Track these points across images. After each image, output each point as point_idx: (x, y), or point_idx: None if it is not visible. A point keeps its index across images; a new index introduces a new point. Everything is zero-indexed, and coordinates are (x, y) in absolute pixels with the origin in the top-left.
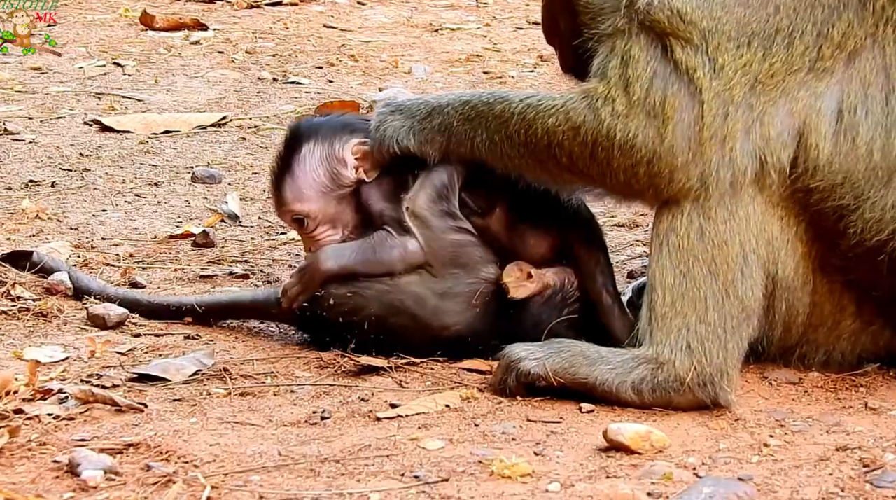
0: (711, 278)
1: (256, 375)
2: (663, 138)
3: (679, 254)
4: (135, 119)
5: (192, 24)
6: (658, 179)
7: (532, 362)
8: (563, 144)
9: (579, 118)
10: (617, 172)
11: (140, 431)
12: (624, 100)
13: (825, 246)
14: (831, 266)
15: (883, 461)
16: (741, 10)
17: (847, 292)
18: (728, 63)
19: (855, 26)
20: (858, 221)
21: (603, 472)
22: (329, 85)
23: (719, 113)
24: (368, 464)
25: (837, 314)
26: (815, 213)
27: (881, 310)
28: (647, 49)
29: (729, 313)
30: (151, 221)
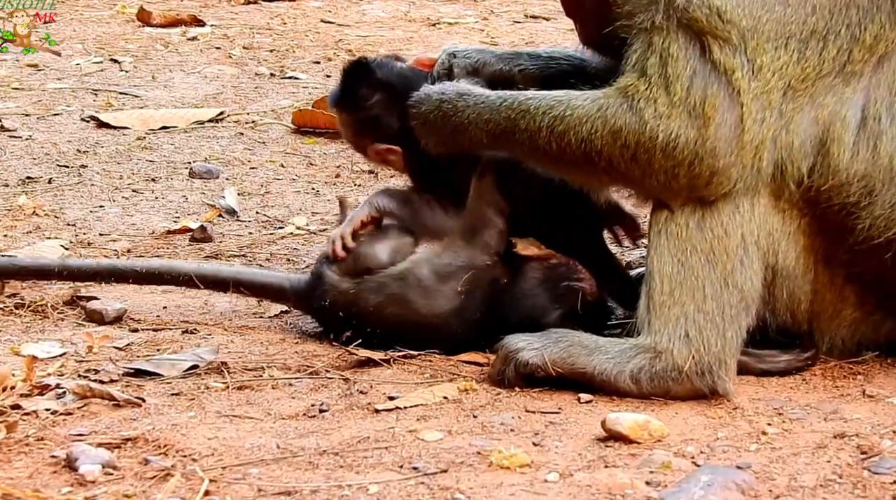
0: (710, 268)
1: (254, 368)
2: (705, 140)
3: (678, 243)
4: (132, 115)
5: (189, 20)
6: (697, 181)
7: (530, 352)
8: (601, 150)
9: (619, 122)
10: (658, 173)
11: (138, 425)
12: (665, 99)
13: (830, 240)
14: (836, 259)
15: (881, 447)
16: (781, 9)
17: (849, 284)
18: (766, 65)
19: (887, 29)
20: (867, 217)
21: (601, 462)
22: (326, 80)
23: (758, 117)
24: (367, 456)
25: (838, 304)
26: (821, 209)
27: (883, 301)
28: (685, 47)
29: (728, 302)
30: (149, 217)
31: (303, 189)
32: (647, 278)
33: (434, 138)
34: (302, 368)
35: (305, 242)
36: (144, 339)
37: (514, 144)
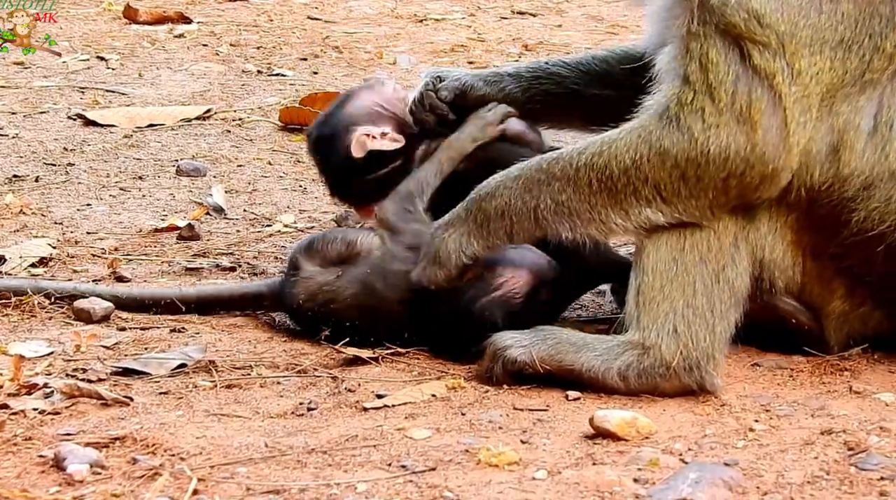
0: (703, 265)
1: (243, 367)
2: (754, 146)
3: (677, 240)
4: (119, 113)
5: (176, 17)
6: (747, 190)
7: (518, 349)
8: (648, 176)
9: (666, 142)
10: (708, 188)
11: (126, 424)
12: (712, 107)
13: (820, 234)
14: (825, 253)
15: (867, 444)
16: (815, 15)
17: (838, 277)
18: (804, 70)
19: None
20: (863, 210)
21: (589, 459)
22: (314, 77)
23: (800, 120)
24: (355, 454)
25: (827, 296)
26: (812, 205)
27: (872, 294)
28: (724, 53)
29: (718, 298)
30: (136, 215)
31: (290, 187)
32: (638, 273)
33: (464, 236)
34: (290, 366)
35: (293, 239)
36: (132, 338)
37: (548, 194)
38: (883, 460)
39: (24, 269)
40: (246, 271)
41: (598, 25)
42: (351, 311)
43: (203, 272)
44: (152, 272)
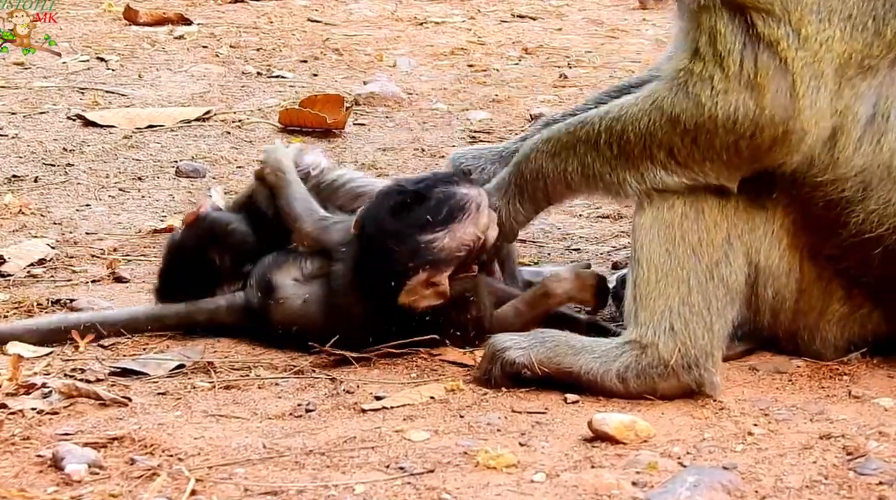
0: (696, 260)
1: (241, 368)
2: (763, 109)
3: (667, 232)
4: (118, 114)
5: (176, 18)
6: (759, 151)
7: (517, 351)
8: (661, 141)
9: (676, 108)
10: (720, 151)
11: (124, 425)
12: (720, 75)
13: (817, 236)
14: (822, 255)
15: (866, 448)
16: None
17: (837, 278)
18: (812, 35)
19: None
20: (861, 212)
21: (588, 462)
22: (313, 79)
23: (811, 84)
24: (353, 456)
25: (826, 299)
26: (806, 205)
27: (870, 295)
28: (730, 23)
29: (714, 295)
30: (135, 216)
31: None
32: (633, 266)
33: (529, 205)
34: (288, 367)
35: None
36: (130, 338)
37: (575, 156)
38: (882, 465)
39: (22, 269)
40: None
41: (598, 29)
42: (318, 327)
43: None
44: (151, 273)
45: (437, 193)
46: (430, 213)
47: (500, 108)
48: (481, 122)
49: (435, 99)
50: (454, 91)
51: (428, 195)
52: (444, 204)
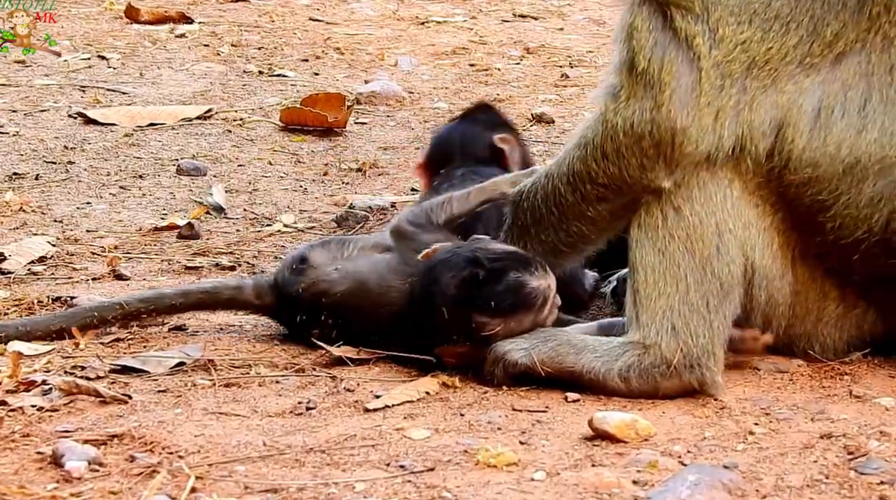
0: (689, 256)
1: (241, 366)
2: (660, 105)
3: (656, 232)
4: (119, 112)
5: (178, 17)
6: (664, 149)
7: (519, 352)
8: (590, 173)
9: (590, 134)
10: (629, 160)
11: (124, 422)
12: (628, 80)
13: (805, 236)
14: (811, 254)
15: (867, 448)
16: None
17: (829, 278)
18: (728, 36)
19: (848, 28)
20: (836, 216)
21: (588, 460)
22: (315, 78)
23: (716, 83)
24: (354, 454)
25: (821, 301)
26: (792, 205)
27: (862, 293)
28: (649, 19)
29: (710, 292)
30: (136, 214)
31: (290, 187)
32: (631, 271)
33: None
34: (289, 365)
35: (293, 239)
36: (131, 335)
37: (537, 242)
38: (883, 464)
39: (23, 266)
40: (245, 270)
41: (600, 29)
42: (339, 307)
43: (203, 271)
44: (151, 271)
45: (510, 279)
46: (495, 299)
47: (501, 107)
48: None
49: (436, 98)
50: (455, 90)
51: (500, 279)
52: (512, 294)
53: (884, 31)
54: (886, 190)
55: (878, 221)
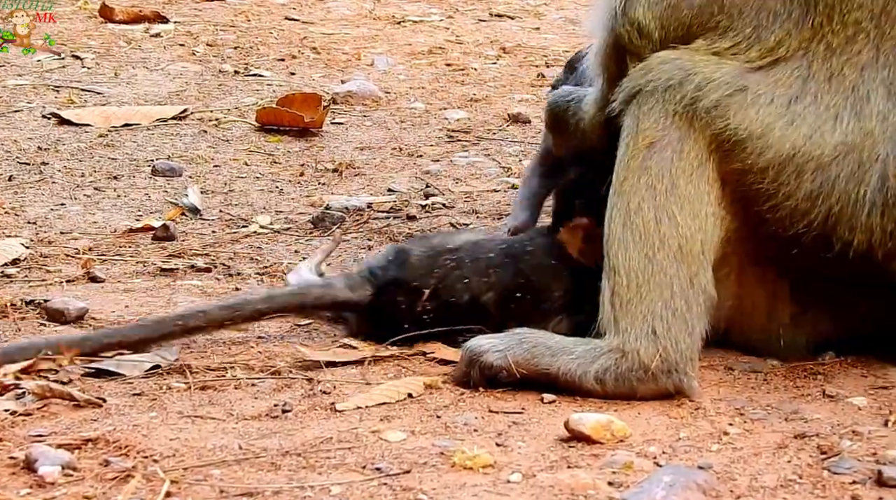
0: (678, 266)
1: (217, 368)
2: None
3: (645, 238)
4: (94, 112)
5: (153, 16)
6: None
7: (495, 354)
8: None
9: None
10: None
11: (98, 426)
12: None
13: (758, 237)
14: (764, 257)
15: (840, 447)
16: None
17: (780, 280)
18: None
19: (791, 36)
20: (778, 208)
21: (564, 462)
22: (291, 77)
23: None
24: (330, 457)
25: (771, 302)
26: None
27: (816, 293)
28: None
29: (695, 300)
30: (111, 215)
31: (267, 187)
32: (610, 274)
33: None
34: (265, 368)
35: (269, 240)
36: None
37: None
38: (855, 464)
39: None
40: (221, 272)
41: (576, 29)
42: (453, 291)
43: (178, 273)
44: (126, 273)
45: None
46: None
47: (478, 107)
48: (459, 121)
49: (413, 98)
50: (432, 90)
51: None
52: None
53: (826, 41)
54: (824, 187)
55: (816, 217)
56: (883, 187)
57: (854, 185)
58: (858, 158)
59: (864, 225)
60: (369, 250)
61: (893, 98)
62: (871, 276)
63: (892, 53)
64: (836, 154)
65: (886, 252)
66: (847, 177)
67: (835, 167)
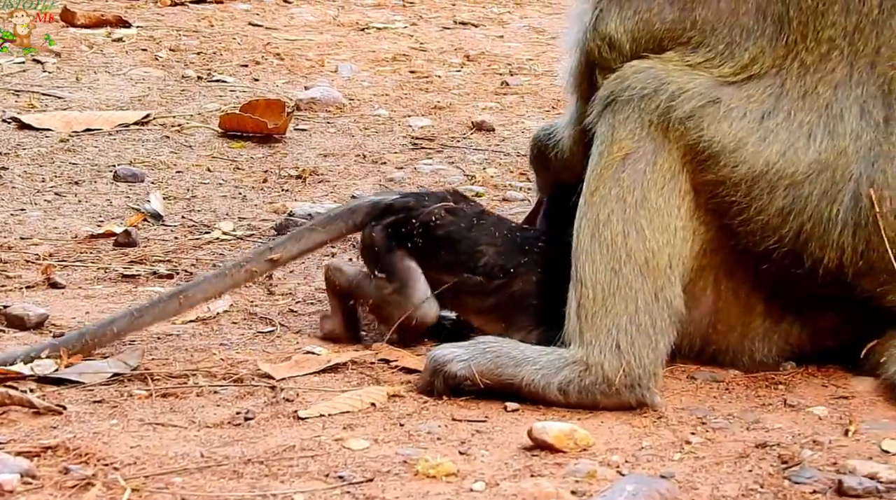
0: (643, 280)
1: (179, 376)
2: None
3: (612, 250)
4: (55, 117)
5: (115, 21)
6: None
7: (458, 364)
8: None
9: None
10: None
11: (58, 433)
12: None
13: (731, 251)
14: (740, 269)
15: (801, 457)
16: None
17: (754, 293)
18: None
19: (765, 54)
20: (751, 223)
21: (527, 471)
22: (254, 83)
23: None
24: (292, 465)
25: (746, 316)
26: (720, 215)
27: (787, 308)
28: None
29: (659, 315)
30: (72, 221)
31: (229, 194)
32: (576, 286)
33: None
34: (227, 375)
35: (232, 247)
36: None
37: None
38: (816, 473)
39: None
40: (183, 278)
41: (540, 37)
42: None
43: (140, 279)
44: (87, 279)
45: None
46: None
47: (441, 114)
48: (423, 128)
49: (377, 105)
50: (396, 97)
51: None
52: None
53: (801, 59)
54: (796, 204)
55: (788, 233)
56: (856, 207)
57: (827, 203)
58: (832, 176)
59: (835, 243)
60: (332, 256)
61: (867, 117)
62: (840, 292)
63: (866, 71)
64: (809, 172)
65: (857, 271)
66: (819, 195)
67: (808, 185)
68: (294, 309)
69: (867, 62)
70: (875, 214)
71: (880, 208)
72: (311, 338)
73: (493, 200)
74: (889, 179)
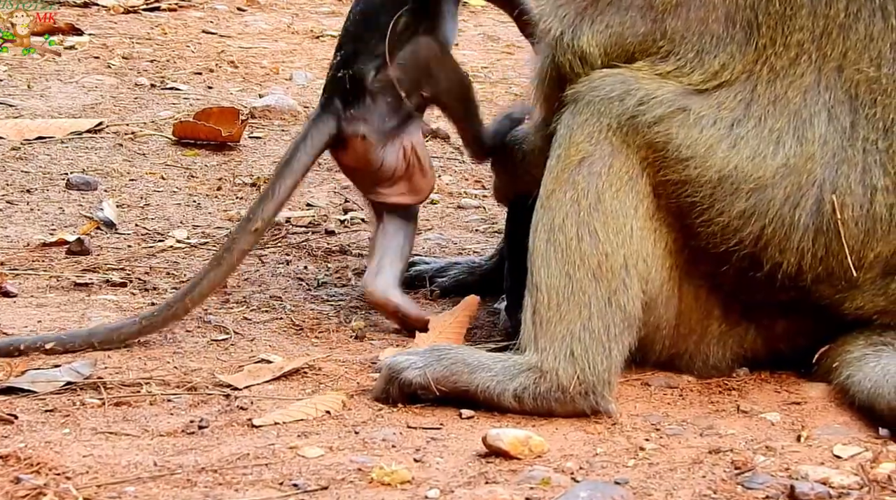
0: (596, 284)
1: (132, 384)
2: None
3: (566, 254)
4: (6, 125)
5: (67, 28)
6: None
7: (414, 371)
8: None
9: None
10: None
11: (9, 443)
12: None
13: (693, 253)
14: (698, 272)
15: (754, 463)
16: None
17: (712, 296)
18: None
19: (735, 60)
20: (712, 224)
21: (482, 478)
22: (208, 91)
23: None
24: (246, 473)
25: (705, 320)
26: (682, 217)
27: (744, 312)
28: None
29: (612, 321)
30: (24, 229)
31: (183, 202)
32: (532, 291)
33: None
34: (181, 383)
35: (186, 255)
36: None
37: None
38: (769, 478)
39: None
40: (137, 287)
41: (495, 45)
42: None
43: (93, 288)
44: (39, 287)
45: None
46: None
47: None
48: None
49: None
50: None
51: None
52: None
53: (770, 64)
54: (759, 207)
55: (748, 236)
56: (818, 212)
57: (790, 208)
58: (797, 181)
59: (795, 248)
60: (287, 264)
61: (834, 122)
62: (798, 297)
63: (834, 76)
64: (776, 176)
65: (815, 276)
66: (783, 199)
67: (772, 189)
68: (248, 317)
69: (835, 66)
70: (836, 219)
71: (841, 214)
72: (265, 346)
73: (447, 207)
74: (852, 184)
